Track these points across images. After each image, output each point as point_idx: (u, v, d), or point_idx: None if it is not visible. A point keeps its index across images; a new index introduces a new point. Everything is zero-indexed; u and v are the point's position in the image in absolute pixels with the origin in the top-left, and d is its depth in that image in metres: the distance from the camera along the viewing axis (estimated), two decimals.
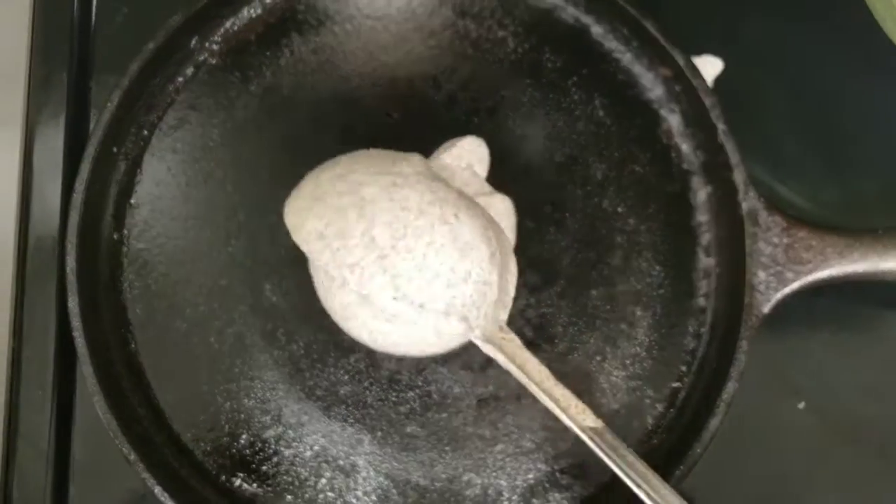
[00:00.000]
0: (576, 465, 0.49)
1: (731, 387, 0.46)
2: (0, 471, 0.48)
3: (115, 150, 0.50)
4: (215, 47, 0.52)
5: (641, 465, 0.44)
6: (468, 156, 0.50)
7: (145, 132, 0.51)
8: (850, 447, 0.51)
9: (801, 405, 0.51)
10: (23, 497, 0.48)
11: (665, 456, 0.48)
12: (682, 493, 0.44)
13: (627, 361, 0.49)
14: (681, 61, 0.49)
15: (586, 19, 0.52)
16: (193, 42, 0.51)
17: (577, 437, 0.48)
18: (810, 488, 0.51)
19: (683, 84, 0.50)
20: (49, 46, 0.53)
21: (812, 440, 0.51)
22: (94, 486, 0.50)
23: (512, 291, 0.48)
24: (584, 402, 0.49)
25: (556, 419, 0.48)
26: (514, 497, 0.48)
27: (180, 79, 0.51)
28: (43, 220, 0.50)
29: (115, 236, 0.50)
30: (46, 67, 0.52)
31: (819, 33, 0.55)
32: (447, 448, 0.49)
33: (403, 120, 0.51)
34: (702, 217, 0.50)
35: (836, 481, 0.51)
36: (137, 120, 0.50)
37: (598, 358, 0.49)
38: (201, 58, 0.52)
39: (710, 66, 0.53)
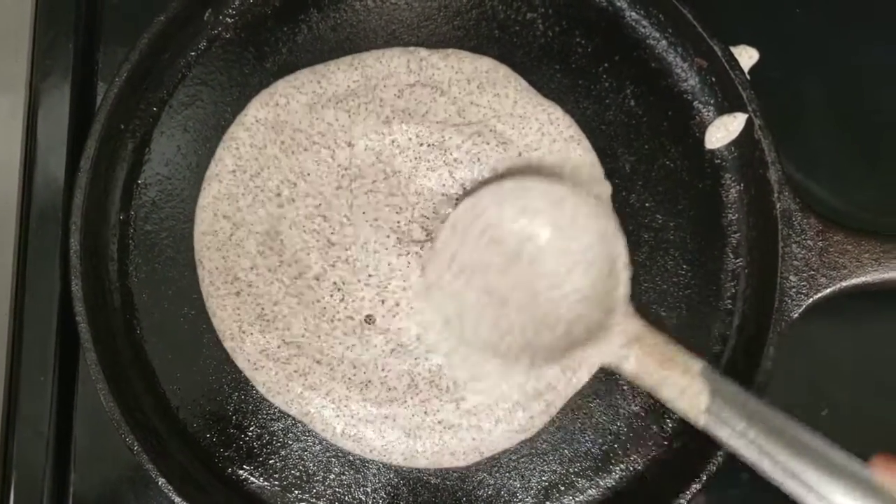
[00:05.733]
0: (591, 467, 0.47)
1: (755, 392, 0.45)
2: (0, 455, 0.47)
3: (122, 127, 0.48)
4: (230, 21, 0.49)
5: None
6: None
7: (154, 109, 0.49)
8: (873, 454, 0.50)
9: (825, 412, 0.50)
10: (23, 482, 0.47)
11: (687, 459, 0.46)
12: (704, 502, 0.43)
13: None
14: (718, 51, 0.47)
15: (620, 3, 0.50)
16: (207, 15, 0.49)
17: (594, 439, 0.47)
18: None
19: (719, 75, 0.48)
20: (54, 9, 0.50)
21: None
22: (95, 472, 0.49)
23: None
24: (602, 403, 0.48)
25: (572, 420, 0.47)
26: (528, 498, 0.47)
27: (192, 53, 0.49)
28: (46, 196, 0.49)
29: (122, 217, 0.48)
30: (52, 31, 0.50)
31: (860, 27, 0.53)
32: None
33: None
34: (733, 216, 0.49)
35: None
36: (146, 96, 0.48)
37: None
38: (215, 32, 0.49)
39: (745, 57, 0.50)
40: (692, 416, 0.42)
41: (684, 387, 0.42)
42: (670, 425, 0.48)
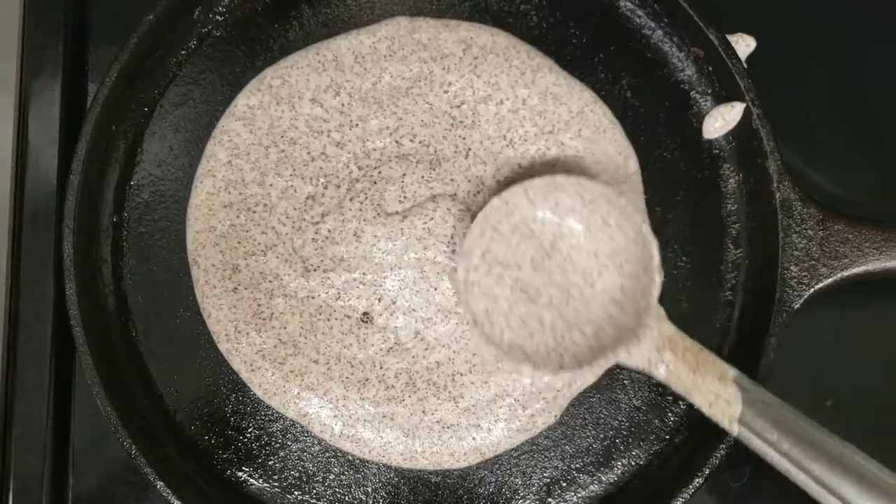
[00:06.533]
0: (592, 463, 0.47)
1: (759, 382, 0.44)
2: None
3: (113, 128, 0.47)
4: (220, 19, 0.49)
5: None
6: None
7: (146, 109, 0.48)
8: (878, 445, 0.49)
9: (829, 402, 0.49)
10: (21, 487, 0.47)
11: (688, 453, 0.46)
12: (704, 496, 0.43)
13: None
14: (715, 40, 0.47)
15: None
16: (197, 13, 0.48)
17: (595, 435, 0.47)
18: None
19: (716, 64, 0.47)
20: (43, 9, 0.50)
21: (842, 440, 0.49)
22: (93, 476, 0.48)
23: None
24: (604, 398, 0.47)
25: (573, 416, 0.47)
26: (530, 495, 0.47)
27: (183, 52, 0.49)
28: (39, 199, 0.48)
29: (115, 219, 0.48)
30: (41, 32, 0.50)
31: (857, 14, 0.52)
32: None
33: None
34: (732, 206, 0.48)
35: None
36: (137, 96, 0.48)
37: None
38: (205, 30, 0.49)
39: (742, 45, 0.50)
40: (725, 424, 0.41)
41: (717, 394, 0.41)
42: (672, 419, 0.47)
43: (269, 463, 0.47)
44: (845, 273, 0.45)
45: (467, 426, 0.46)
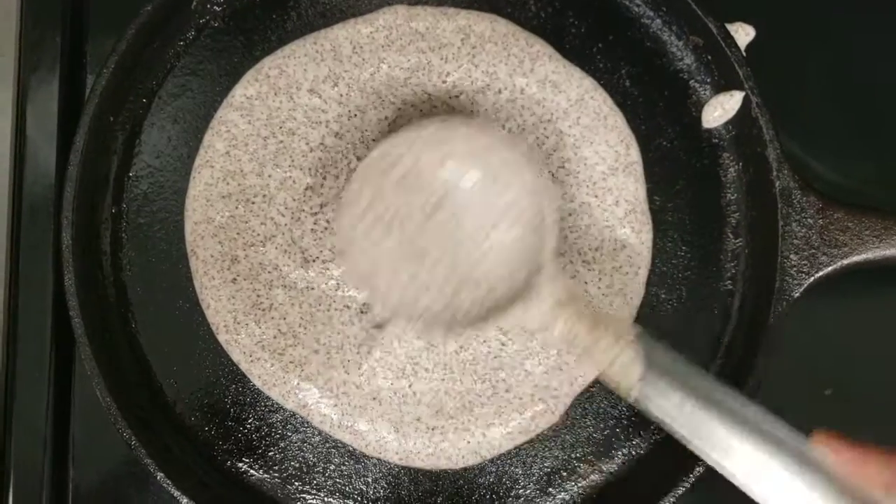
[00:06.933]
0: (593, 452, 0.47)
1: (757, 373, 0.45)
2: None
3: (111, 119, 0.47)
4: (218, 9, 0.49)
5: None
6: None
7: (144, 100, 0.48)
8: (877, 434, 0.49)
9: (829, 391, 0.49)
10: (21, 479, 0.47)
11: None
12: (703, 485, 0.42)
13: None
14: (714, 29, 0.46)
15: None
16: (194, 3, 0.48)
17: (595, 424, 0.47)
18: None
19: (715, 53, 0.47)
20: (41, 2, 0.49)
21: (839, 427, 0.49)
22: (94, 467, 0.48)
23: None
24: (603, 387, 0.47)
25: (573, 405, 0.47)
26: (530, 485, 0.47)
27: (181, 43, 0.48)
28: (38, 191, 0.48)
29: (114, 211, 0.48)
30: (38, 25, 0.49)
31: (857, 1, 0.52)
32: None
33: None
34: (731, 196, 0.48)
35: None
36: (135, 87, 0.48)
37: None
38: (203, 20, 0.49)
39: (742, 34, 0.50)
40: (623, 388, 0.38)
41: (616, 354, 0.39)
42: None
43: (270, 454, 0.47)
44: (845, 261, 0.45)
45: (455, 430, 0.46)
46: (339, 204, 0.42)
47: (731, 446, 0.36)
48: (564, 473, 0.47)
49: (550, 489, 0.47)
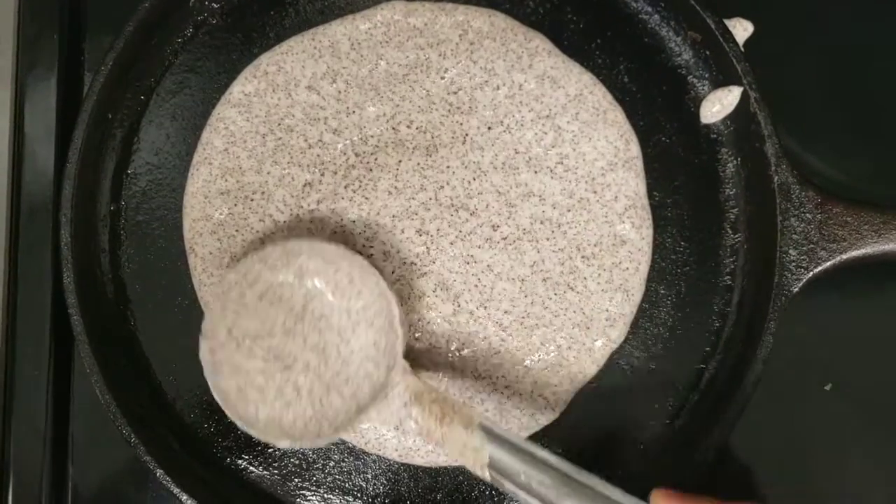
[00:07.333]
0: (593, 449, 0.47)
1: (757, 368, 0.45)
2: None
3: (110, 116, 0.47)
4: (216, 6, 0.49)
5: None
6: None
7: (142, 97, 0.48)
8: (877, 428, 0.49)
9: (828, 386, 0.49)
10: (21, 478, 0.47)
11: (687, 441, 0.46)
12: (707, 477, 0.43)
13: (649, 342, 0.47)
14: (712, 24, 0.46)
15: None
16: (192, 1, 0.48)
17: (588, 419, 0.47)
18: (837, 469, 0.49)
19: (714, 48, 0.47)
20: (38, 1, 0.50)
21: (838, 421, 0.49)
22: (93, 465, 0.48)
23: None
24: (603, 383, 0.47)
25: (572, 402, 0.47)
26: None
27: (179, 40, 0.49)
28: (36, 189, 0.48)
29: (112, 208, 0.48)
30: (36, 22, 0.49)
31: None
32: None
33: None
34: (730, 191, 0.48)
35: (863, 462, 0.49)
36: (133, 84, 0.48)
37: None
38: (201, 17, 0.49)
39: (740, 29, 0.50)
40: (478, 472, 0.40)
41: (465, 441, 0.40)
42: (672, 406, 0.47)
43: (269, 451, 0.47)
44: (844, 256, 0.45)
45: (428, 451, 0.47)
46: (200, 337, 0.43)
47: None
48: None
49: None
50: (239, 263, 0.44)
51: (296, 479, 0.47)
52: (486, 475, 0.40)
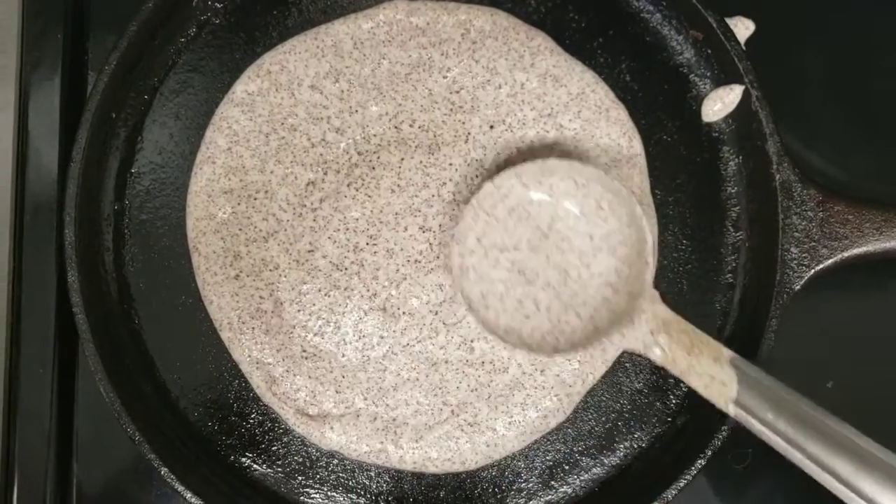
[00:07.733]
0: (595, 446, 0.47)
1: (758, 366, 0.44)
2: (1, 450, 0.47)
3: (113, 116, 0.47)
4: (219, 6, 0.49)
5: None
6: None
7: (146, 97, 0.48)
8: (878, 427, 0.49)
9: (830, 384, 0.49)
10: (26, 476, 0.47)
11: (690, 435, 0.46)
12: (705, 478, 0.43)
13: None
14: (714, 23, 0.46)
15: None
16: (195, 0, 0.48)
17: (597, 418, 0.47)
18: None
19: (715, 47, 0.47)
20: (42, 1, 0.50)
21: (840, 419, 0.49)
22: (98, 463, 0.49)
23: None
24: (606, 381, 0.48)
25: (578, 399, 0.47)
26: (533, 478, 0.47)
27: (182, 40, 0.49)
28: (40, 188, 0.48)
29: (116, 207, 0.48)
30: (40, 22, 0.50)
31: None
32: None
33: None
34: (732, 189, 0.48)
35: None
36: (137, 84, 0.48)
37: None
38: (204, 17, 0.49)
39: (741, 28, 0.50)
40: (721, 406, 0.41)
41: (712, 375, 0.41)
42: (674, 402, 0.47)
43: (273, 448, 0.47)
44: (846, 254, 0.45)
45: (484, 429, 0.47)
46: (450, 238, 0.45)
47: (824, 462, 0.38)
48: (567, 466, 0.47)
49: (553, 482, 0.47)
50: (497, 176, 0.45)
51: (300, 477, 0.47)
52: (730, 410, 0.41)
